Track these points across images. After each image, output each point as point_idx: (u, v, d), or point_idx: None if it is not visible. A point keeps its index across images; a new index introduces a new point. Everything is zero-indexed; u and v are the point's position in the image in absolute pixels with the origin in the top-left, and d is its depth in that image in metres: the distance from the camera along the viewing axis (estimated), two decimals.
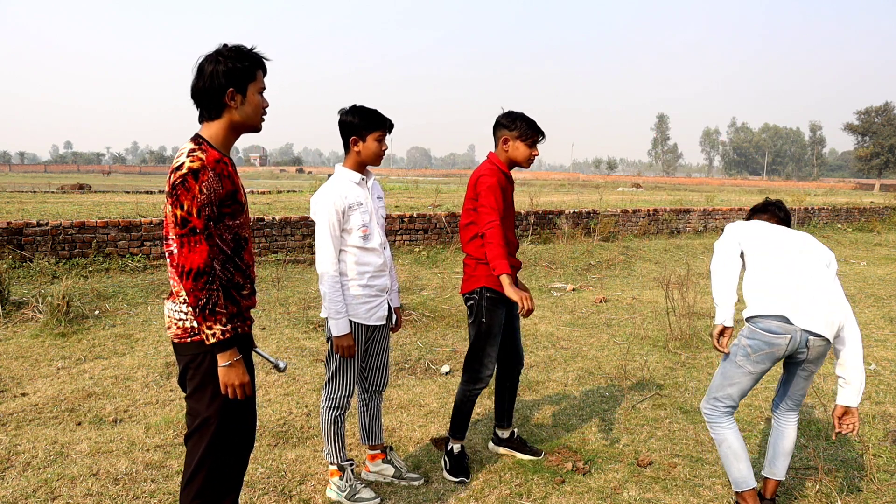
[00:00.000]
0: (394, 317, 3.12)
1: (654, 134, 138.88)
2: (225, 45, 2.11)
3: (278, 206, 11.85)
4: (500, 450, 3.56)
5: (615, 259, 10.27)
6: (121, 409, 3.98)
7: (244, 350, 2.19)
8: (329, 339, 2.94)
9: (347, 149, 2.91)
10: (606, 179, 65.57)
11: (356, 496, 2.99)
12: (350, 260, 2.88)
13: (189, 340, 2.10)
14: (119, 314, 6.12)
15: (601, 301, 7.50)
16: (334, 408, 2.99)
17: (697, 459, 3.51)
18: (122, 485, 3.08)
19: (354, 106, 2.88)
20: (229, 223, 2.13)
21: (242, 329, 2.21)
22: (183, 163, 1.99)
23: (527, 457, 3.49)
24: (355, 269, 2.88)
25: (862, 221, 16.69)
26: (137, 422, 3.81)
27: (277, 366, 2.35)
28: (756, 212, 3.16)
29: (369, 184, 2.98)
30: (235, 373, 2.07)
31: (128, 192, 19.46)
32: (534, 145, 3.17)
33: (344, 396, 2.99)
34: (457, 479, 3.22)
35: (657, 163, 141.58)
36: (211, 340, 2.02)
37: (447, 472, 3.27)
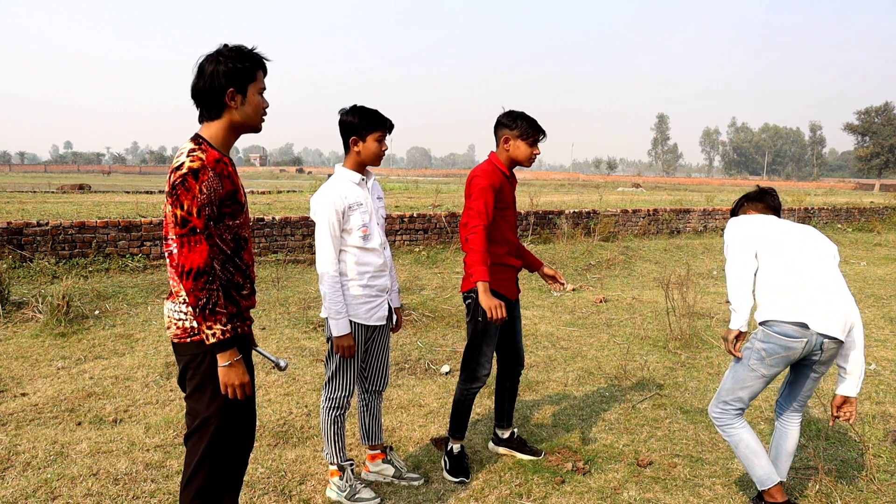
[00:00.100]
0: (394, 317, 3.12)
1: (654, 134, 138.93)
2: (225, 46, 2.11)
3: (278, 206, 11.85)
4: (500, 450, 3.57)
5: (615, 259, 10.27)
6: (121, 409, 3.99)
7: (244, 350, 2.19)
8: (329, 339, 2.94)
9: (347, 149, 2.91)
10: (606, 179, 65.57)
11: (356, 496, 2.99)
12: (350, 260, 2.88)
13: (189, 340, 2.10)
14: (119, 314, 6.12)
15: (601, 301, 7.50)
16: (334, 408, 2.99)
17: (697, 459, 3.51)
18: (122, 485, 3.08)
19: (355, 106, 2.88)
20: (229, 223, 2.13)
21: (242, 329, 2.21)
22: (183, 162, 1.99)
23: (527, 457, 3.49)
24: (355, 270, 2.88)
25: (862, 221, 16.69)
26: (137, 422, 3.81)
27: (278, 364, 2.35)
28: (750, 200, 3.08)
29: (369, 184, 2.98)
30: (235, 373, 2.07)
31: (128, 192, 19.46)
32: (535, 144, 3.17)
33: (344, 396, 2.99)
34: (457, 479, 3.23)
35: (657, 163, 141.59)
36: (211, 340, 2.02)
37: (447, 472, 3.27)
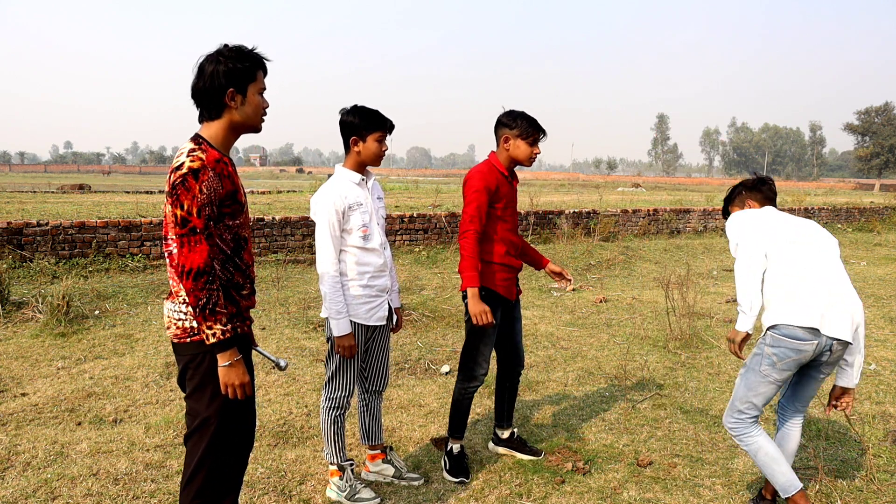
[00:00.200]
0: (394, 317, 3.12)
1: (654, 134, 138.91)
2: (226, 46, 2.11)
3: (278, 206, 11.85)
4: (500, 450, 3.56)
5: (615, 259, 10.27)
6: (121, 409, 3.99)
7: (244, 350, 2.19)
8: (329, 339, 2.94)
9: (348, 149, 2.91)
10: (606, 179, 65.58)
11: (356, 496, 2.99)
12: (350, 260, 2.88)
13: (189, 340, 2.10)
14: (119, 314, 6.12)
15: (601, 301, 7.50)
16: (334, 408, 2.99)
17: (697, 459, 3.51)
18: (122, 485, 3.08)
19: (355, 106, 2.88)
20: (229, 223, 2.13)
21: (242, 329, 2.21)
22: (183, 162, 1.99)
23: (527, 457, 3.49)
24: (355, 270, 2.88)
25: (862, 221, 16.69)
26: (137, 422, 3.81)
27: (278, 364, 2.35)
28: (748, 189, 3.02)
29: (369, 184, 2.98)
30: (235, 373, 2.07)
31: (128, 192, 19.47)
32: (535, 143, 3.17)
33: (344, 396, 2.99)
34: (457, 480, 3.22)
35: (657, 163, 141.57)
36: (211, 340, 2.02)
37: (447, 473, 3.27)
